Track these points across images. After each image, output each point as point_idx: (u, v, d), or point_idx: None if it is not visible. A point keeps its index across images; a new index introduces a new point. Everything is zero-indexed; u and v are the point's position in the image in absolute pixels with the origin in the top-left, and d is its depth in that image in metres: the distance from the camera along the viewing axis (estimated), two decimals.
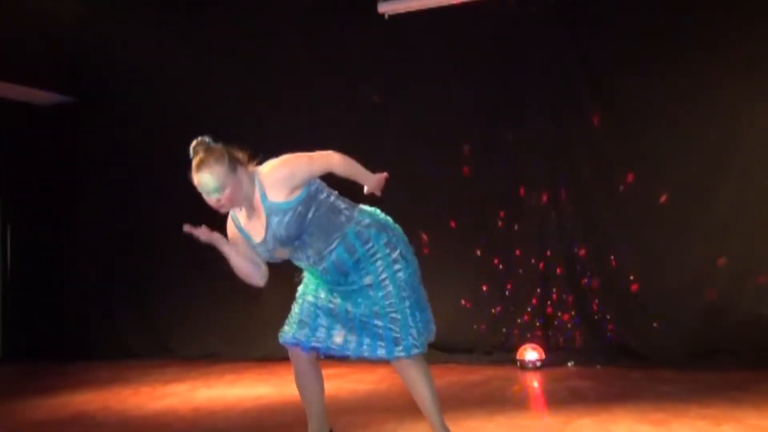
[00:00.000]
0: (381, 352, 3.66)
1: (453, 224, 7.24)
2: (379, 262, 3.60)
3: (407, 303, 3.64)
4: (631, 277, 6.64)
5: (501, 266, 7.08)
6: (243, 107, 7.92)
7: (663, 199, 6.55)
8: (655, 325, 6.49)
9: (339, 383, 6.24)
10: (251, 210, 3.56)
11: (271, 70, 7.80)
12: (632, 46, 6.66)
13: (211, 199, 3.44)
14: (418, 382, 3.78)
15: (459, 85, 7.24)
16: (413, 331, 3.65)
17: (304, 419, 4.89)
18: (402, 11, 7.18)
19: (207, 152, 3.44)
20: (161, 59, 8.15)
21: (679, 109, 6.50)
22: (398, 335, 3.62)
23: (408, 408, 5.01)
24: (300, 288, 3.94)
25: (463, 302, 7.13)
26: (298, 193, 3.54)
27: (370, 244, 3.61)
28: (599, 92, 6.82)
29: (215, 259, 3.80)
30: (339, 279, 3.65)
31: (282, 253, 3.66)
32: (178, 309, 8.15)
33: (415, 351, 3.66)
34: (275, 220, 3.49)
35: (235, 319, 7.94)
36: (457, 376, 6.32)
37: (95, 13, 8.24)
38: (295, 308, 3.89)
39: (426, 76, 7.29)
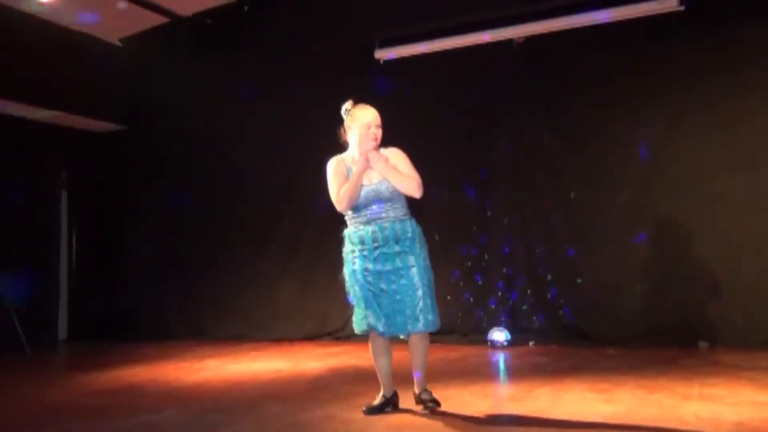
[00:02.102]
0: (416, 327, 3.84)
1: (436, 234, 7.20)
2: (419, 250, 3.93)
3: (430, 286, 3.90)
4: (580, 271, 6.62)
5: (474, 263, 7.06)
6: (264, 136, 7.94)
7: (605, 203, 6.54)
8: (599, 311, 6.48)
9: (343, 359, 6.22)
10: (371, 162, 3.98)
11: (287, 106, 7.80)
12: (579, 80, 6.70)
13: (378, 131, 4.10)
14: (425, 349, 4.00)
15: (439, 115, 7.23)
16: (434, 309, 3.89)
17: (315, 388, 4.89)
18: (395, 57, 7.18)
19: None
20: (198, 95, 8.17)
21: (618, 130, 6.52)
22: (426, 312, 3.83)
23: (400, 379, 4.99)
24: (349, 279, 4.07)
25: (443, 293, 7.04)
26: None
27: (419, 234, 4.00)
28: (553, 118, 6.83)
29: (243, 257, 3.83)
30: (386, 250, 3.89)
31: (371, 195, 3.97)
32: (211, 298, 8.12)
33: (437, 325, 3.90)
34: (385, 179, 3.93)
35: (259, 306, 7.91)
36: (440, 353, 6.28)
37: (143, 57, 8.28)
38: (361, 302, 3.97)
39: (413, 109, 7.28)
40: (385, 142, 7.58)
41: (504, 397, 4.54)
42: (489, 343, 6.56)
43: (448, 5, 7.01)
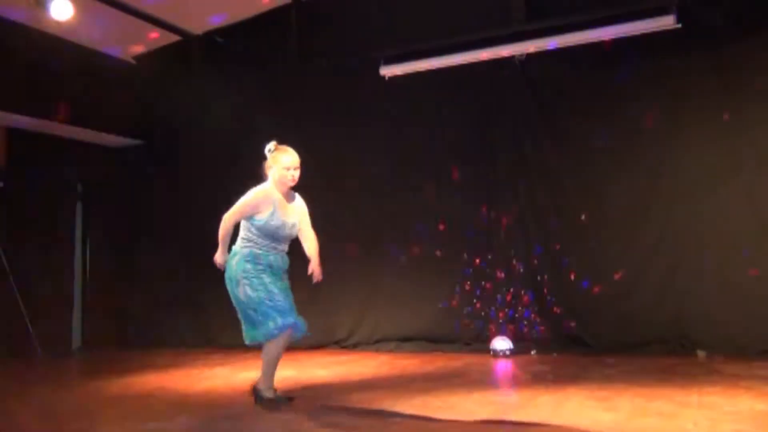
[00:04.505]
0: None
1: (440, 245, 7.22)
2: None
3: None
4: (582, 282, 6.60)
5: (477, 274, 7.05)
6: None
7: (605, 217, 6.53)
8: (600, 320, 6.46)
9: (349, 367, 6.21)
10: (286, 200, 4.40)
11: (296, 121, 7.81)
12: (578, 96, 6.71)
13: (296, 173, 4.38)
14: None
15: (445, 130, 7.25)
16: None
17: (322, 395, 4.87)
18: (399, 73, 7.21)
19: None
20: (209, 111, 8.21)
21: (617, 144, 6.53)
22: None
23: (403, 387, 4.98)
24: (260, 290, 4.24)
25: (447, 303, 7.09)
26: None
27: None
28: (553, 133, 6.83)
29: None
30: (283, 270, 4.39)
31: (287, 232, 4.37)
32: (221, 307, 8.08)
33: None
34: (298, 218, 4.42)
35: None
36: (443, 362, 6.29)
37: (157, 74, 8.34)
38: (285, 301, 4.28)
39: (418, 124, 7.32)
40: (391, 153, 7.65)
41: (506, 404, 4.52)
42: (491, 352, 6.53)
43: (450, 24, 7.07)
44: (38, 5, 6.39)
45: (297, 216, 4.43)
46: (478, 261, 7.05)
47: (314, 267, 4.48)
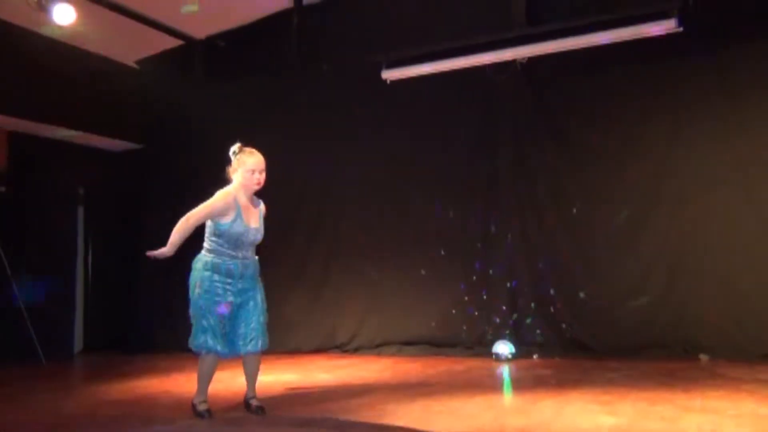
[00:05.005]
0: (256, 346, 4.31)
1: (442, 247, 7.21)
2: (260, 284, 4.41)
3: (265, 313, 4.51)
4: (583, 287, 6.59)
5: (479, 278, 7.03)
6: (275, 153, 7.92)
7: (608, 221, 6.52)
8: (602, 324, 6.44)
9: (350, 371, 6.20)
10: (251, 205, 4.30)
11: (298, 125, 7.84)
12: (580, 100, 6.71)
13: (261, 176, 4.26)
14: (259, 364, 4.49)
15: (446, 134, 7.25)
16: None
17: (324, 399, 4.87)
18: (401, 77, 7.22)
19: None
20: (211, 115, 8.22)
21: (618, 148, 6.52)
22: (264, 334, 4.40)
23: (405, 391, 4.97)
24: (213, 304, 4.24)
25: (449, 307, 7.08)
26: None
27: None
28: (554, 137, 6.83)
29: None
30: (246, 279, 4.28)
31: (252, 237, 4.29)
32: None
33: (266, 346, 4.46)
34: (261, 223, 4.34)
35: (269, 320, 7.86)
36: (445, 366, 6.28)
37: (159, 78, 8.36)
38: (216, 326, 4.25)
39: (419, 128, 7.32)
40: (393, 157, 7.66)
41: (508, 408, 4.51)
42: (493, 356, 6.52)
43: (452, 28, 7.07)
44: (41, 10, 6.40)
45: (261, 221, 4.38)
46: (479, 265, 7.04)
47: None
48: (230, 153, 4.37)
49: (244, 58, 8.21)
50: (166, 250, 4.36)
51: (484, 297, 7.01)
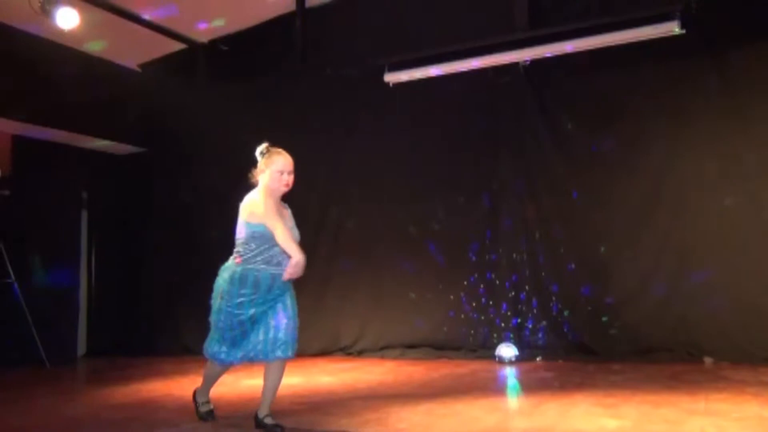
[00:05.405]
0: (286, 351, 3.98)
1: (444, 249, 7.22)
2: (292, 290, 4.06)
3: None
4: (586, 289, 6.59)
5: (482, 281, 7.04)
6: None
7: (611, 224, 6.52)
8: (605, 327, 6.44)
9: (354, 374, 6.20)
10: (282, 207, 4.05)
11: (301, 128, 7.83)
12: (582, 102, 6.73)
13: (290, 178, 4.00)
14: None
15: (449, 136, 7.26)
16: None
17: (328, 402, 4.87)
18: (403, 80, 7.23)
19: None
20: (214, 118, 8.24)
21: (621, 149, 6.53)
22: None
23: (409, 394, 4.98)
24: (240, 314, 3.98)
25: (452, 310, 7.09)
26: None
27: None
28: (556, 139, 6.84)
29: None
30: (275, 289, 3.94)
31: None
32: None
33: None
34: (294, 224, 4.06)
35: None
36: (449, 369, 6.28)
37: (162, 81, 8.38)
38: (241, 336, 4.04)
39: (422, 130, 7.33)
40: (395, 160, 7.68)
41: (512, 411, 4.51)
42: (497, 359, 6.52)
43: (454, 31, 7.08)
44: (44, 14, 6.42)
45: (291, 221, 4.11)
46: (483, 268, 7.03)
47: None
48: (257, 153, 4.10)
49: (247, 61, 8.22)
50: (300, 257, 3.81)
51: (487, 300, 7.00)
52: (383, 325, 7.34)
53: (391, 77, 7.24)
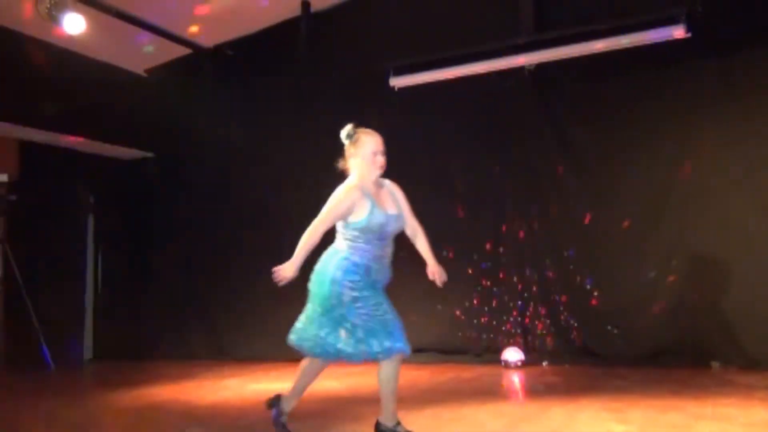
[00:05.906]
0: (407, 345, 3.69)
1: (450, 253, 7.21)
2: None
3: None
4: (592, 293, 6.58)
5: (488, 285, 7.03)
6: (285, 161, 7.99)
7: (617, 228, 6.51)
8: (612, 332, 6.42)
9: (360, 379, 6.19)
10: (380, 190, 3.75)
11: (306, 132, 7.85)
12: (588, 107, 6.71)
13: (381, 160, 3.74)
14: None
15: (454, 140, 7.26)
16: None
17: (334, 407, 4.86)
18: (409, 84, 7.24)
19: None
20: (220, 123, 8.27)
21: (627, 154, 6.51)
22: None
23: (414, 399, 4.97)
24: (373, 302, 3.78)
25: (458, 314, 7.08)
26: None
27: None
28: (564, 143, 6.83)
29: (263, 279, 3.85)
30: (384, 276, 3.81)
31: (394, 225, 3.76)
32: (232, 319, 8.13)
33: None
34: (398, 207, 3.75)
35: (278, 328, 7.85)
36: (454, 373, 6.27)
37: (168, 86, 8.41)
38: (394, 320, 3.74)
39: (427, 134, 7.34)
40: (401, 164, 7.66)
41: (518, 416, 4.50)
42: (503, 363, 6.51)
43: (460, 35, 7.09)
44: (50, 19, 6.46)
45: (396, 205, 3.76)
46: (489, 272, 7.03)
47: (434, 267, 3.87)
48: (344, 137, 3.75)
49: (253, 66, 8.25)
50: (291, 271, 3.63)
51: (494, 304, 6.99)
52: None
53: (397, 81, 7.25)
